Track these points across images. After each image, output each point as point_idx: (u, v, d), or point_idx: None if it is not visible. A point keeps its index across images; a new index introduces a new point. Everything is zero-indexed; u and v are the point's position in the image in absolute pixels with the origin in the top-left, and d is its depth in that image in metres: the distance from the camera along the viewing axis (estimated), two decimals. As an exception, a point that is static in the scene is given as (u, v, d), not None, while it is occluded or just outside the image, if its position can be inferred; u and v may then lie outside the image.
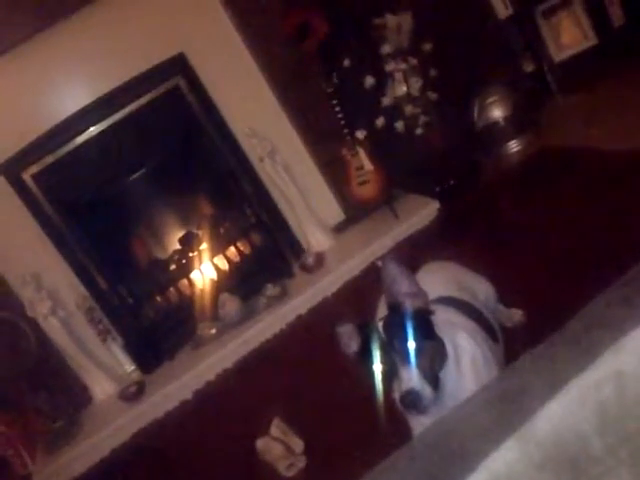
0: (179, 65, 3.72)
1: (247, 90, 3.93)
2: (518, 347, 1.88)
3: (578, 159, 3.32)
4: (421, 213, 3.78)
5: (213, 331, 3.78)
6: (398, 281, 1.69)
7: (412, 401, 1.59)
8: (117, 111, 3.68)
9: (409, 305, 1.67)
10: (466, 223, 3.51)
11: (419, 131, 3.82)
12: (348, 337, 1.72)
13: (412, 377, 1.59)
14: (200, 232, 4.11)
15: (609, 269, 1.48)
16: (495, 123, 4.01)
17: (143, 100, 3.71)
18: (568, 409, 0.69)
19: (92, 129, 3.67)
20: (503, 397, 0.84)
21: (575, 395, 0.70)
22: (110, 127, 3.69)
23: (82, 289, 3.87)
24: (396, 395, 1.66)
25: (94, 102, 3.66)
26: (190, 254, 4.03)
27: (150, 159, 3.95)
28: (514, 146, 3.99)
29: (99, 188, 3.85)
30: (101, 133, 3.69)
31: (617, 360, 0.70)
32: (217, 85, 3.83)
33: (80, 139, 3.67)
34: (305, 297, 3.69)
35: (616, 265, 1.36)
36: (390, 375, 1.65)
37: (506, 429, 0.75)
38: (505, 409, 0.79)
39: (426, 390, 1.59)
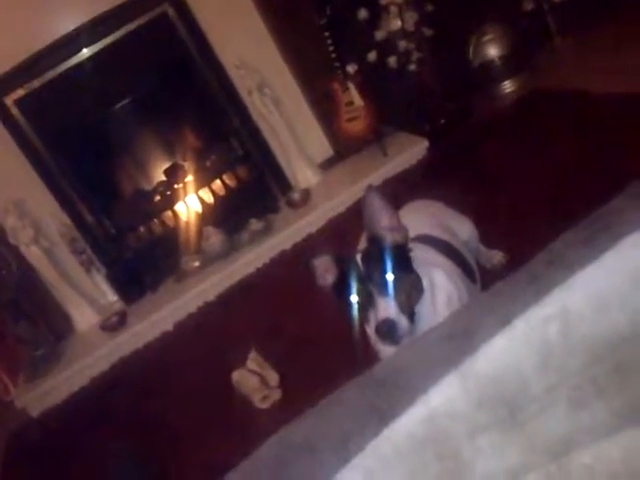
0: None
1: (237, 20, 3.83)
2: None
3: (570, 102, 3.25)
4: (410, 151, 3.73)
5: (196, 264, 3.76)
6: (378, 214, 1.67)
7: (388, 330, 1.58)
8: (103, 37, 3.60)
9: (388, 238, 1.66)
10: (454, 163, 3.45)
11: (412, 67, 3.73)
12: (324, 269, 1.70)
13: (389, 307, 1.58)
14: (186, 164, 4.05)
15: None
16: (490, 62, 3.91)
17: (130, 27, 3.62)
18: (511, 346, 0.67)
19: (78, 55, 3.59)
20: (454, 334, 0.82)
21: (520, 332, 0.68)
22: (96, 54, 3.61)
23: (65, 218, 3.84)
24: (371, 325, 1.64)
25: (79, 27, 3.56)
26: (175, 186, 3.97)
27: (137, 88, 3.87)
28: (508, 87, 3.91)
29: (84, 116, 3.78)
30: (87, 60, 3.61)
31: (564, 298, 0.67)
32: (207, 14, 3.74)
33: (65, 65, 3.59)
34: (289, 233, 3.68)
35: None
36: (366, 307, 1.64)
37: (452, 366, 0.73)
38: (454, 346, 0.77)
39: (402, 320, 1.58)
